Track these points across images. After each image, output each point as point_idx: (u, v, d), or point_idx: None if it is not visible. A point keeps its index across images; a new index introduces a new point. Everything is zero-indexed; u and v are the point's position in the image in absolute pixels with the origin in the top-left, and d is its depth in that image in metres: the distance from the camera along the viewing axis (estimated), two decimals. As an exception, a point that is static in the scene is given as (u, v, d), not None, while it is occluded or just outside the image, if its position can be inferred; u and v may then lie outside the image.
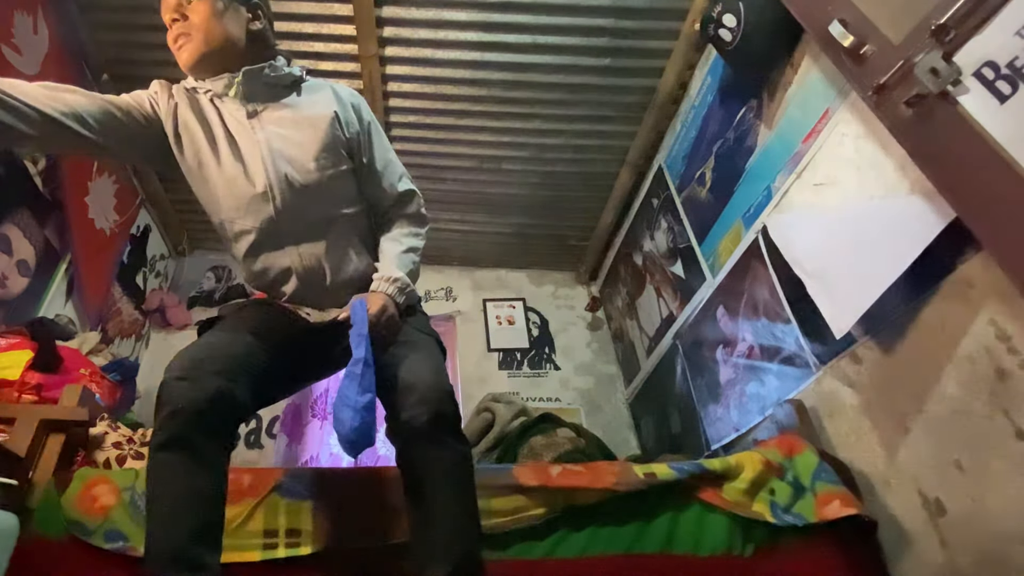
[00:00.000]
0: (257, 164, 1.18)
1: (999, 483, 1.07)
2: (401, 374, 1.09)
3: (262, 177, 1.18)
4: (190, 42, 1.18)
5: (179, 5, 1.17)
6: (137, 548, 1.15)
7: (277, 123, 1.22)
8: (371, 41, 2.24)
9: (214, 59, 1.20)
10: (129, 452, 1.48)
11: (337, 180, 1.24)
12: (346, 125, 1.27)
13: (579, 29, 2.23)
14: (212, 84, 1.22)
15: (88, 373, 1.82)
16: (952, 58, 0.96)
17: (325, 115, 1.24)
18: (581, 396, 3.00)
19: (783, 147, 1.68)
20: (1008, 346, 1.05)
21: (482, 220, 3.09)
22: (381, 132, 1.36)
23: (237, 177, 1.18)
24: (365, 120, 1.31)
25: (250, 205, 1.18)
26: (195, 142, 1.20)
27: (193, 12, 1.17)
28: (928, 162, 1.05)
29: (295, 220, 1.20)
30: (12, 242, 1.95)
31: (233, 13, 1.21)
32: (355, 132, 1.28)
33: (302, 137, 1.21)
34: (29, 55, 1.99)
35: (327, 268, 1.24)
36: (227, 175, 1.19)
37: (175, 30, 1.19)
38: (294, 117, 1.23)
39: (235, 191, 1.19)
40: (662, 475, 1.33)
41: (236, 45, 1.21)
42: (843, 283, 1.36)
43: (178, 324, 3.01)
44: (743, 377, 1.89)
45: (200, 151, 1.20)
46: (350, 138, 1.27)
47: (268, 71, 1.23)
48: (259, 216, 1.19)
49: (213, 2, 1.18)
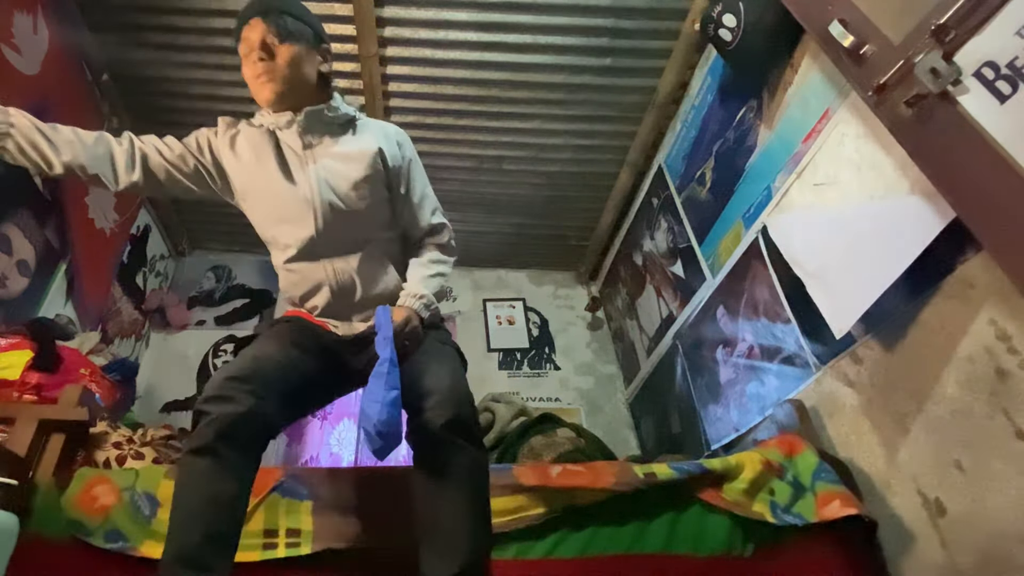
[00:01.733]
0: (305, 190, 1.29)
1: (999, 483, 1.07)
2: (422, 380, 1.15)
3: (308, 202, 1.29)
4: (273, 82, 1.27)
5: (266, 45, 1.26)
6: (137, 548, 1.15)
7: (328, 156, 1.32)
8: (371, 41, 2.24)
9: (290, 98, 1.30)
10: (129, 452, 1.48)
11: (375, 208, 1.35)
12: (389, 159, 1.36)
13: (579, 29, 2.23)
14: (276, 119, 1.32)
15: (88, 373, 1.81)
16: (952, 58, 0.96)
17: (370, 151, 1.34)
18: (581, 396, 3.00)
19: (783, 147, 1.68)
20: (1008, 346, 1.05)
21: (482, 220, 3.09)
22: (421, 167, 1.46)
23: (287, 201, 1.30)
24: (407, 156, 1.42)
25: (295, 225, 1.30)
26: (253, 170, 1.33)
27: (280, 54, 1.27)
28: (928, 162, 1.05)
29: (333, 239, 1.31)
30: (12, 242, 1.95)
31: (311, 57, 1.32)
32: (396, 166, 1.38)
33: (348, 170, 1.32)
34: (29, 55, 1.99)
35: (358, 283, 1.33)
36: (279, 198, 1.31)
37: (259, 68, 1.27)
38: (343, 152, 1.34)
39: (284, 212, 1.31)
40: (662, 475, 1.33)
41: (308, 86, 1.32)
42: (843, 283, 1.36)
43: (178, 324, 3.01)
44: (743, 377, 1.89)
45: (256, 176, 1.33)
46: (391, 171, 1.37)
47: (327, 111, 1.33)
48: (302, 234, 1.30)
49: (297, 48, 1.28)
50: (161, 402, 2.78)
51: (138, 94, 2.51)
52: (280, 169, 1.31)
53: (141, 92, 2.50)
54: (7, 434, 1.24)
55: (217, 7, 2.20)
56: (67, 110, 2.19)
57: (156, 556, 1.15)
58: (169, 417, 2.73)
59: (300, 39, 1.29)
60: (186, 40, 2.30)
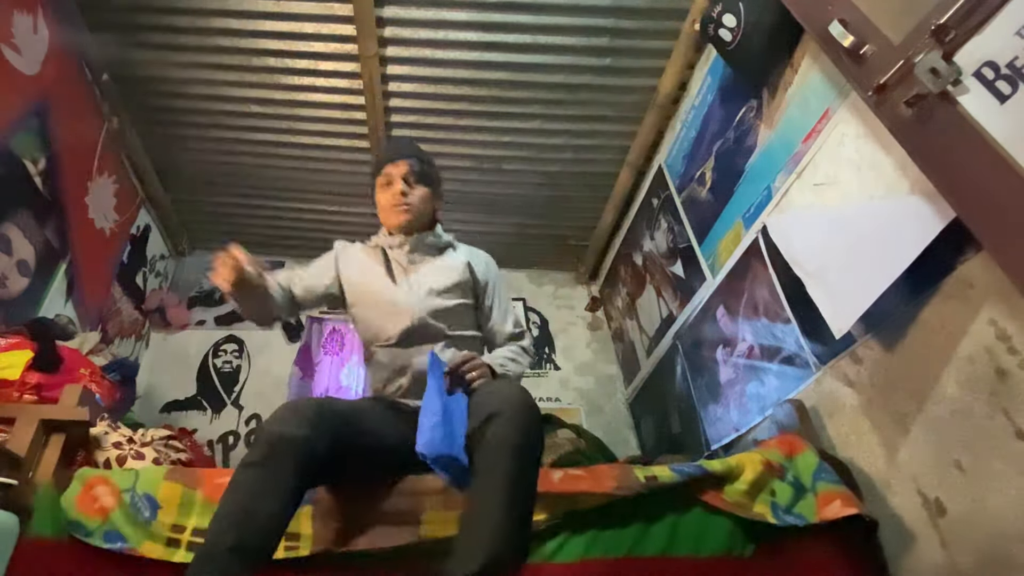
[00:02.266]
0: (405, 291, 1.53)
1: (999, 483, 1.07)
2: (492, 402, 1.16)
3: (407, 300, 1.51)
4: (408, 213, 1.57)
5: (409, 183, 1.59)
6: (136, 549, 1.15)
7: (428, 269, 1.58)
8: (371, 41, 2.24)
9: (413, 225, 1.60)
10: (129, 452, 1.48)
11: (462, 309, 1.56)
12: (476, 272, 1.62)
13: (579, 29, 2.23)
14: (390, 240, 1.61)
15: (88, 373, 1.81)
16: (952, 58, 0.96)
17: (461, 263, 1.61)
18: (581, 396, 3.00)
19: (783, 147, 1.68)
20: (1008, 346, 1.05)
21: (482, 220, 3.09)
22: (505, 288, 1.70)
23: (392, 301, 1.52)
24: (493, 274, 1.67)
25: (394, 317, 1.49)
26: (363, 278, 1.58)
27: (417, 190, 1.60)
28: (928, 162, 1.05)
29: (424, 332, 1.48)
30: (12, 242, 1.95)
31: (435, 198, 1.65)
32: (483, 280, 1.63)
33: (443, 278, 1.56)
34: (29, 55, 1.99)
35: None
36: (385, 299, 1.53)
37: (400, 197, 1.57)
38: (440, 265, 1.60)
39: (388, 310, 1.51)
40: (663, 478, 1.33)
41: (426, 219, 1.63)
42: (843, 283, 1.36)
43: (178, 324, 3.01)
44: (743, 377, 1.89)
45: (370, 283, 1.57)
46: (478, 282, 1.61)
47: (431, 238, 1.62)
48: (399, 325, 1.48)
49: (429, 190, 1.62)
50: (161, 402, 2.78)
51: (138, 94, 2.51)
52: (388, 276, 1.57)
53: (141, 92, 2.50)
54: (7, 434, 1.24)
55: (217, 7, 2.20)
56: (67, 110, 2.20)
57: (155, 557, 1.15)
58: (169, 417, 2.73)
59: (431, 184, 1.63)
60: (186, 40, 2.30)
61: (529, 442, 1.11)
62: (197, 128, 2.65)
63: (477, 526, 1.04)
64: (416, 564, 1.22)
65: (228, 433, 2.73)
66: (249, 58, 2.36)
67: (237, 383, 2.90)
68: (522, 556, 1.08)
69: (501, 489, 1.05)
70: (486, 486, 1.07)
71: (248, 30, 2.26)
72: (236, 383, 2.90)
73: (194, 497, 1.23)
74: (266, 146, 2.68)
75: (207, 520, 1.19)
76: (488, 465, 1.08)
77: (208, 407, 2.81)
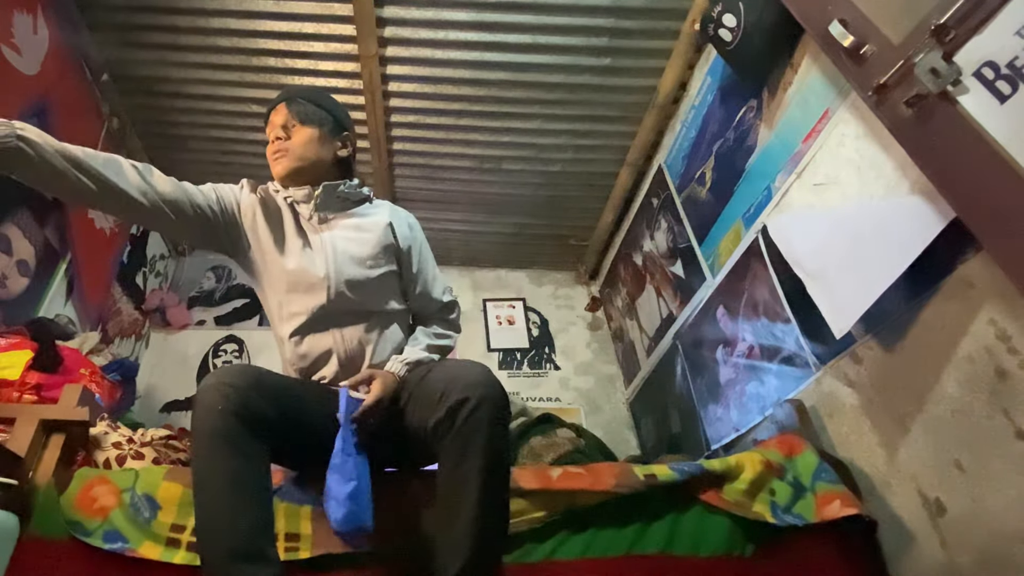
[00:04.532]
0: (320, 259, 1.35)
1: (999, 483, 1.07)
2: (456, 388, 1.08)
3: (322, 270, 1.34)
4: (285, 158, 1.38)
5: (284, 127, 1.39)
6: (136, 549, 1.15)
7: (342, 229, 1.40)
8: (371, 41, 2.24)
9: (302, 174, 1.39)
10: (129, 452, 1.48)
11: (385, 279, 1.41)
12: (399, 235, 1.45)
13: (579, 29, 2.23)
14: (295, 192, 1.40)
15: (88, 373, 1.82)
16: (952, 58, 0.96)
17: (381, 223, 1.43)
18: (581, 396, 3.00)
19: (783, 147, 1.68)
20: (1008, 346, 1.05)
21: (482, 220, 3.09)
22: (430, 251, 1.54)
23: (301, 268, 1.34)
24: (418, 238, 1.51)
25: (307, 292, 1.34)
26: (269, 235, 1.37)
27: (295, 134, 1.39)
28: (928, 162, 1.05)
29: (343, 308, 1.34)
30: (12, 242, 1.95)
31: (327, 140, 1.42)
32: (407, 244, 1.46)
33: (360, 240, 1.39)
34: (29, 55, 1.99)
35: (366, 351, 1.35)
36: (292, 265, 1.35)
37: (275, 145, 1.39)
38: (356, 224, 1.42)
39: (296, 279, 1.34)
40: (663, 477, 1.33)
41: (322, 165, 1.41)
42: (843, 283, 1.36)
43: (178, 324, 3.01)
44: (743, 377, 1.89)
45: (272, 243, 1.37)
46: (400, 246, 1.45)
47: (343, 188, 1.42)
48: (312, 302, 1.33)
49: (312, 130, 1.40)
50: (161, 402, 2.78)
51: (138, 94, 2.51)
52: (299, 238, 1.37)
53: (141, 92, 2.50)
54: (7, 434, 1.24)
55: (217, 7, 2.20)
56: (67, 110, 2.20)
57: (155, 557, 1.15)
58: (169, 417, 2.73)
59: (317, 123, 1.40)
60: (186, 40, 2.30)
61: (500, 430, 1.07)
62: (197, 128, 2.65)
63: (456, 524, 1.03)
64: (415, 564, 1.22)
65: (228, 433, 2.73)
66: (249, 58, 2.36)
67: (237, 383, 2.90)
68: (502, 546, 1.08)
69: (476, 483, 1.03)
70: (459, 480, 1.04)
71: (248, 30, 2.27)
72: (236, 383, 2.90)
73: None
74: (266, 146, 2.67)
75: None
76: (458, 457, 1.04)
77: (208, 407, 2.81)
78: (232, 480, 1.00)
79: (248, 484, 1.02)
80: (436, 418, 1.08)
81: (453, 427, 1.05)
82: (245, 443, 1.02)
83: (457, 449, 1.05)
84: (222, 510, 0.99)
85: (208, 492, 1.01)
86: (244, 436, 1.02)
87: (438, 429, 1.08)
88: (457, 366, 1.17)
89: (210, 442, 1.01)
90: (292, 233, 1.38)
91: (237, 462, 1.01)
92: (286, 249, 1.36)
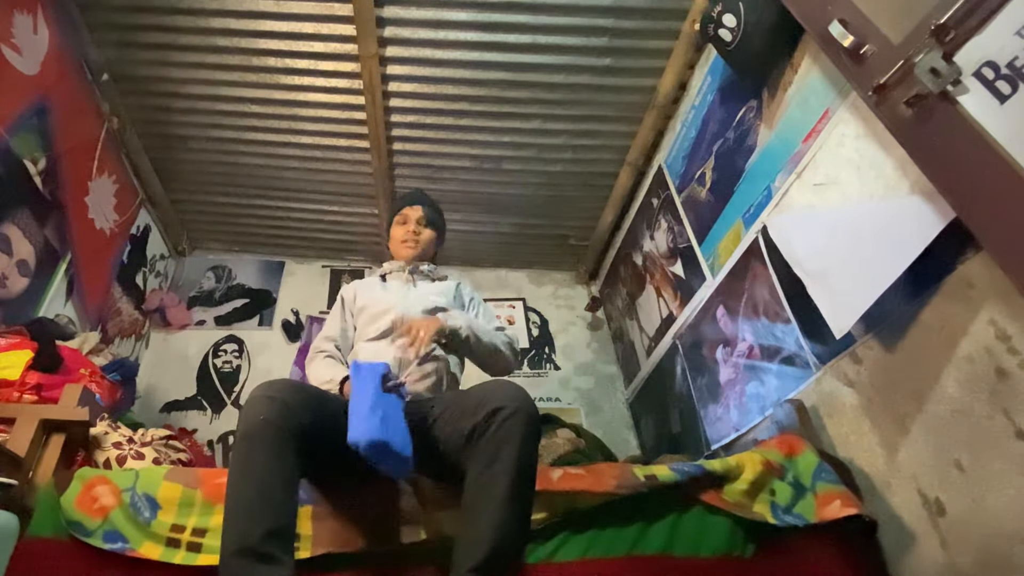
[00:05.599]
0: (397, 298, 1.72)
1: (999, 483, 1.07)
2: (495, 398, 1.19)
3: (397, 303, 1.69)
4: (415, 248, 1.86)
5: (418, 223, 1.89)
6: (136, 549, 1.15)
7: (422, 289, 1.79)
8: (371, 41, 2.24)
9: (417, 260, 1.86)
10: (129, 452, 1.48)
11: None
12: (462, 291, 1.87)
13: (579, 29, 2.23)
14: (391, 265, 1.87)
15: (88, 373, 1.81)
16: (952, 58, 0.96)
17: (451, 286, 1.84)
18: (581, 396, 3.00)
19: (783, 147, 1.68)
20: (1008, 346, 1.05)
21: (482, 220, 3.09)
22: (487, 304, 1.94)
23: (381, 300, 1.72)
24: (478, 295, 1.91)
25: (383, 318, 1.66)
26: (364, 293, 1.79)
27: (423, 233, 1.89)
28: (928, 162, 1.05)
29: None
30: (12, 242, 1.95)
31: (438, 242, 1.95)
32: (469, 297, 1.88)
33: (434, 296, 1.76)
34: (29, 55, 1.99)
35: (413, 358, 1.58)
36: (375, 300, 1.73)
37: (411, 236, 1.86)
38: (433, 288, 1.81)
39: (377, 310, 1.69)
40: (663, 477, 1.33)
41: (427, 258, 1.91)
42: (843, 283, 1.36)
43: (178, 324, 3.01)
44: (743, 377, 1.89)
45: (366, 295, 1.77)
46: (464, 301, 1.85)
47: (426, 269, 1.87)
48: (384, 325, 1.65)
49: (435, 235, 1.92)
50: (161, 402, 2.78)
51: (138, 94, 2.51)
52: (383, 289, 1.78)
53: (141, 92, 2.50)
54: (7, 434, 1.24)
55: (217, 7, 2.20)
56: (67, 110, 2.20)
57: (155, 557, 1.15)
58: (169, 417, 2.73)
59: (436, 229, 1.93)
60: (186, 40, 2.30)
61: (532, 440, 1.15)
62: (197, 128, 2.65)
63: (480, 520, 1.07)
64: (417, 564, 1.22)
65: (228, 433, 2.72)
66: (249, 58, 2.36)
67: (237, 383, 2.90)
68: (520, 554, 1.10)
69: (504, 484, 1.09)
70: (488, 480, 1.10)
71: (248, 30, 2.27)
72: (236, 383, 2.90)
73: (194, 497, 1.23)
74: (266, 146, 2.68)
75: (207, 520, 1.20)
76: (490, 459, 1.11)
77: (208, 407, 2.81)
78: (260, 485, 1.06)
79: (274, 491, 1.07)
80: (474, 422, 1.16)
81: (488, 431, 1.13)
82: (280, 452, 1.10)
83: (489, 453, 1.12)
84: (246, 511, 1.04)
85: (236, 493, 1.07)
86: (280, 445, 1.10)
87: (474, 433, 1.16)
88: (495, 382, 1.26)
89: (247, 446, 1.10)
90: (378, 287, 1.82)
91: (268, 468, 1.08)
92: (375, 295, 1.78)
